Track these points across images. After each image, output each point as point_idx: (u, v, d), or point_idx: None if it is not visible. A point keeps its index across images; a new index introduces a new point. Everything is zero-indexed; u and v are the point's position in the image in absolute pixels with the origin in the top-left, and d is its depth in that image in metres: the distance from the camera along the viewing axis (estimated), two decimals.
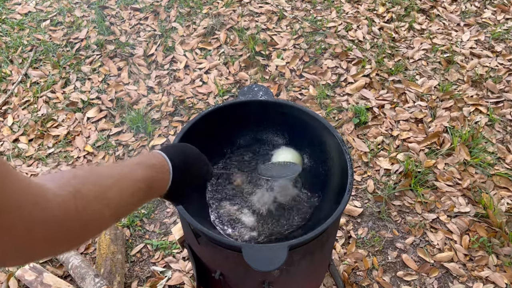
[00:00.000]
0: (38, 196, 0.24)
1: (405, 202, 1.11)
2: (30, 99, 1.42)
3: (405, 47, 1.51)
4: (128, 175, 0.34)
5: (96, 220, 0.29)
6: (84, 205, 0.27)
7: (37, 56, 1.54)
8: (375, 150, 1.22)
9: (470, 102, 1.34)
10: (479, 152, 1.18)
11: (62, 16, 1.68)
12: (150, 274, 1.01)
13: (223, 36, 1.55)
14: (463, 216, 1.08)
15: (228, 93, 1.39)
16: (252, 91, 0.71)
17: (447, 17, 1.61)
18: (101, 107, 1.38)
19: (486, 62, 1.45)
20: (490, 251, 1.00)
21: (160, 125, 1.33)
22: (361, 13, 1.63)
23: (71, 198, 0.26)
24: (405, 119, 1.30)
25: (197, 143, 0.67)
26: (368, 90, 1.39)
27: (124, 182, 0.33)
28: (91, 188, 0.29)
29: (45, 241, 0.25)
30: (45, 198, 0.24)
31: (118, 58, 1.53)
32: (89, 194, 0.28)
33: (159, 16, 1.66)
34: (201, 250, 0.63)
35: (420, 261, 1.01)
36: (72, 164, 1.25)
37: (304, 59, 1.48)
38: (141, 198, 0.35)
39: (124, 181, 0.33)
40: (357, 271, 0.99)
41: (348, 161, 0.60)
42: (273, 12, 1.66)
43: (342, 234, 1.06)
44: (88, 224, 0.28)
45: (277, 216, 0.67)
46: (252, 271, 0.48)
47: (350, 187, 0.57)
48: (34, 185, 0.24)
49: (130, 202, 0.33)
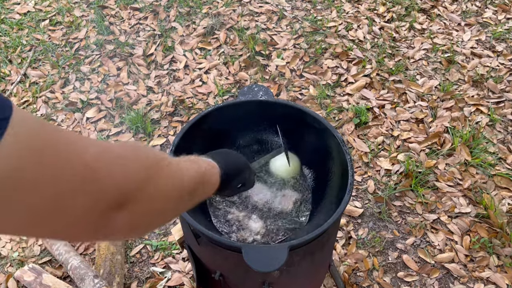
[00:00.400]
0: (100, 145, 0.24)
1: (406, 202, 1.11)
2: (29, 99, 1.42)
3: (405, 47, 1.51)
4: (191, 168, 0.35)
5: (164, 161, 0.29)
6: (146, 153, 0.27)
7: (36, 56, 1.54)
8: (376, 150, 1.22)
9: (471, 102, 1.33)
10: (480, 152, 1.18)
11: (61, 16, 1.68)
12: (149, 275, 1.01)
13: (223, 36, 1.55)
14: (464, 216, 1.07)
15: (228, 93, 1.39)
16: (252, 91, 0.71)
17: (448, 16, 1.61)
18: (100, 107, 1.38)
19: (487, 62, 1.44)
20: (491, 251, 1.00)
21: (160, 125, 1.32)
22: (362, 13, 1.63)
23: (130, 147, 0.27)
24: (405, 119, 1.30)
25: (197, 143, 0.67)
26: (369, 90, 1.38)
27: (183, 162, 0.34)
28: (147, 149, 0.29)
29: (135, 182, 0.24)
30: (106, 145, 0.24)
31: (118, 58, 1.52)
32: (147, 149, 0.28)
33: (159, 16, 1.65)
34: (201, 251, 0.62)
35: (421, 261, 1.01)
36: None
37: (304, 59, 1.47)
38: (201, 187, 0.36)
39: (189, 172, 0.34)
40: (358, 272, 0.99)
41: (349, 162, 0.59)
42: (273, 11, 1.65)
43: (343, 234, 1.05)
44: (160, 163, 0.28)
45: (277, 216, 0.67)
46: (252, 272, 0.48)
47: (350, 188, 0.57)
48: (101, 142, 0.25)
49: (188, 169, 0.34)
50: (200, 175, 0.37)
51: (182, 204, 0.33)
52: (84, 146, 0.22)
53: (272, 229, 0.65)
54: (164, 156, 0.30)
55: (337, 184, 0.64)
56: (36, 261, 1.03)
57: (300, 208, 0.68)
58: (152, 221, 0.28)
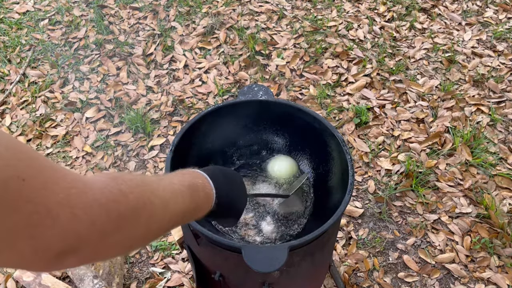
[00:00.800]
0: (75, 181, 0.22)
1: (406, 202, 1.11)
2: (28, 99, 1.41)
3: (406, 47, 1.50)
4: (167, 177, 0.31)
5: (146, 207, 0.26)
6: (129, 188, 0.25)
7: (35, 55, 1.53)
8: (376, 150, 1.21)
9: (471, 102, 1.33)
10: (481, 152, 1.17)
11: (60, 15, 1.67)
12: (149, 275, 1.01)
13: (223, 36, 1.54)
14: (465, 217, 1.07)
15: (227, 93, 1.38)
16: (252, 91, 0.70)
17: (449, 16, 1.60)
18: (100, 107, 1.37)
19: (487, 62, 1.44)
20: (492, 252, 0.99)
21: (159, 125, 1.32)
22: (362, 12, 1.62)
23: (112, 181, 0.24)
24: (406, 119, 1.29)
25: (196, 143, 0.67)
26: (369, 89, 1.38)
27: (163, 182, 0.30)
28: (132, 177, 0.26)
29: (99, 233, 0.22)
30: (83, 182, 0.22)
31: (117, 57, 1.52)
32: (132, 181, 0.26)
33: (158, 15, 1.64)
34: (201, 251, 0.62)
35: (421, 262, 1.00)
36: (71, 164, 1.24)
37: (304, 58, 1.47)
38: (186, 200, 0.31)
39: (163, 180, 0.30)
40: (358, 272, 0.99)
41: (349, 161, 0.59)
42: (273, 11, 1.64)
43: (343, 235, 1.05)
44: (139, 212, 0.25)
45: (277, 215, 0.66)
46: (252, 272, 0.47)
47: (350, 188, 0.56)
48: (70, 173, 0.22)
49: (175, 200, 0.30)
50: (189, 208, 0.32)
51: (156, 238, 0.29)
52: (55, 183, 0.20)
53: (272, 230, 0.65)
54: (152, 189, 0.27)
55: (337, 184, 0.63)
56: None
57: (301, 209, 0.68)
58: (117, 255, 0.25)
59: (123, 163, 1.24)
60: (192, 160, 0.66)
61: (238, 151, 0.75)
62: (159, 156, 1.25)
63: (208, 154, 0.69)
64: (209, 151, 0.70)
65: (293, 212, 0.67)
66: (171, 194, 0.30)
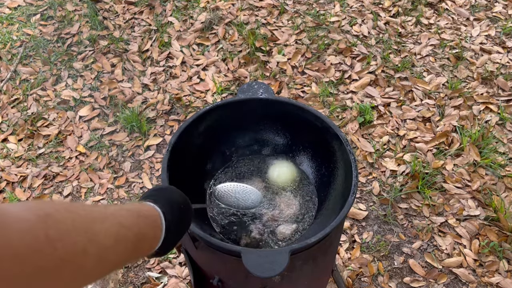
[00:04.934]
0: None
1: (412, 204, 1.07)
2: (19, 97, 1.37)
3: (412, 43, 1.46)
4: (113, 216, 0.26)
5: (76, 259, 0.21)
6: (59, 234, 0.20)
7: (26, 52, 1.50)
8: (381, 150, 1.18)
9: (480, 100, 1.29)
10: (490, 152, 1.14)
11: (53, 10, 1.63)
12: (145, 280, 0.98)
13: (222, 31, 1.50)
14: (473, 219, 1.04)
15: (226, 90, 1.35)
16: (252, 89, 0.68)
17: (456, 11, 1.56)
18: (94, 106, 1.34)
19: (496, 58, 1.40)
20: (501, 256, 0.97)
21: (156, 124, 1.28)
22: (366, 7, 1.58)
23: (41, 222, 0.20)
24: (412, 118, 1.26)
25: (194, 143, 0.63)
26: (374, 87, 1.34)
27: (108, 222, 0.25)
28: (68, 215, 0.22)
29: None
30: (3, 224, 0.18)
31: (112, 54, 1.48)
32: (66, 221, 0.21)
33: (155, 10, 1.60)
34: (199, 255, 0.60)
35: (428, 266, 0.98)
36: (64, 165, 1.20)
37: (306, 55, 1.43)
38: (128, 248, 0.27)
39: (108, 221, 0.25)
40: (362, 277, 0.96)
41: (353, 162, 0.57)
42: (273, 6, 1.60)
43: (346, 238, 1.02)
44: (66, 265, 0.20)
45: (277, 218, 0.64)
46: (252, 277, 0.46)
47: (354, 189, 0.54)
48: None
49: (116, 249, 0.25)
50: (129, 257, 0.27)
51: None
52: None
53: (273, 233, 0.62)
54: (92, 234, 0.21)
55: (340, 186, 0.62)
56: None
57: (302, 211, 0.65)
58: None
59: (118, 163, 1.20)
60: (190, 161, 0.65)
61: (238, 151, 0.72)
62: (155, 157, 1.21)
63: (206, 155, 0.66)
64: (208, 151, 0.67)
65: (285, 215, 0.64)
66: (114, 242, 0.25)
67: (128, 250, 0.27)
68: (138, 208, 0.31)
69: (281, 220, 0.63)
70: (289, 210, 0.65)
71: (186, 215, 0.38)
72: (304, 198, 0.67)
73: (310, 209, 0.65)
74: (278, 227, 0.63)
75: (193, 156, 0.64)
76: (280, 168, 0.68)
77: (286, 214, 0.64)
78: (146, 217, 0.31)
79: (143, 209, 0.32)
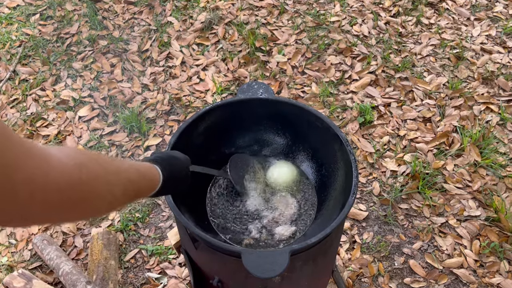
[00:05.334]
0: (41, 160, 0.24)
1: (413, 205, 1.07)
2: (18, 97, 1.37)
3: (412, 43, 1.46)
4: (126, 173, 0.36)
5: (94, 201, 0.29)
6: (89, 179, 0.28)
7: (26, 52, 1.49)
8: (381, 150, 1.18)
9: (480, 100, 1.29)
10: (490, 152, 1.14)
11: (52, 10, 1.62)
12: (144, 281, 0.98)
13: (222, 31, 1.50)
14: (474, 220, 1.03)
15: (226, 90, 1.35)
16: (252, 89, 0.69)
17: (457, 11, 1.55)
18: (93, 106, 1.33)
19: (497, 58, 1.40)
20: (502, 256, 0.97)
21: (155, 124, 1.28)
22: (366, 7, 1.57)
23: (76, 168, 0.27)
24: (412, 118, 1.26)
25: (194, 143, 0.63)
26: (374, 87, 1.34)
27: (122, 175, 0.35)
28: (96, 167, 0.30)
29: (43, 207, 0.25)
30: (48, 163, 0.25)
31: (111, 54, 1.47)
32: (94, 171, 0.29)
33: (154, 10, 1.60)
34: (199, 256, 0.60)
35: (428, 267, 0.98)
36: None
37: (306, 55, 1.43)
38: (131, 196, 0.37)
39: (122, 175, 0.35)
40: (362, 278, 0.96)
41: (353, 162, 0.57)
42: (273, 5, 1.60)
43: (347, 238, 1.02)
44: (86, 202, 0.29)
45: (277, 218, 0.64)
46: (252, 278, 0.46)
47: (354, 190, 0.54)
48: (37, 149, 0.24)
49: (123, 198, 0.35)
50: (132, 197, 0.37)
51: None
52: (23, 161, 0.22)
53: (273, 234, 0.62)
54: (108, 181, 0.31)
55: (340, 186, 0.62)
56: (26, 266, 1.00)
57: (303, 211, 0.65)
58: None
59: None
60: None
61: (238, 151, 0.72)
62: None
63: (206, 155, 0.66)
64: (207, 152, 0.67)
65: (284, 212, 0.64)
66: (123, 192, 0.34)
67: (130, 198, 0.37)
68: (144, 170, 0.41)
69: (281, 221, 0.63)
70: (289, 210, 0.65)
71: (182, 174, 0.49)
72: (304, 199, 0.67)
73: (310, 209, 0.65)
74: (278, 227, 0.63)
75: (193, 156, 0.64)
76: (280, 169, 0.68)
77: (286, 214, 0.64)
78: (150, 180, 0.41)
79: (148, 172, 0.41)
